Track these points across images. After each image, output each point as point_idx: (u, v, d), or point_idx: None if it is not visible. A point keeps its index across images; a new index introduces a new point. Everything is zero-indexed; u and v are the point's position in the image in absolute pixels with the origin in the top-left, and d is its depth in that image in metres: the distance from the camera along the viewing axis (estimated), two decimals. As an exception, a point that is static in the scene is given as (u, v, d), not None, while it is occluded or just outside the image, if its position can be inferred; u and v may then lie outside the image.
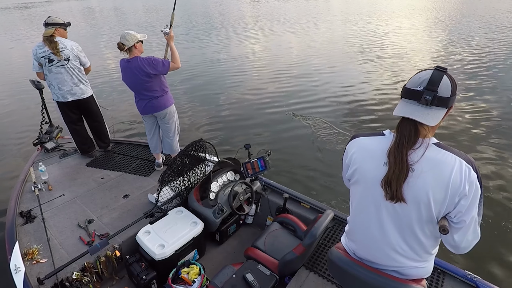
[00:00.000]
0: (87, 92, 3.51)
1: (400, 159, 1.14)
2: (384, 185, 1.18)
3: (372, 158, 1.23)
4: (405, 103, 1.17)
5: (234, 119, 6.23)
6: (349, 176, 1.35)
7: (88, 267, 2.25)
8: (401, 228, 1.24)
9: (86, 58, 3.48)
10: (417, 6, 23.57)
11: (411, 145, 1.14)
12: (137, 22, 21.07)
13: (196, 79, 8.79)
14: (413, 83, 1.15)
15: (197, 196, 2.73)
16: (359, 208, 1.34)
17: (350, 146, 1.34)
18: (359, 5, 24.29)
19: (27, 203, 2.91)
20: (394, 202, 1.19)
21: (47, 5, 41.65)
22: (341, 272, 1.42)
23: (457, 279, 2.07)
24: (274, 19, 19.70)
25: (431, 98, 1.09)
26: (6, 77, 10.08)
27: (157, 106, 3.16)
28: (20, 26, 21.98)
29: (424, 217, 1.18)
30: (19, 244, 2.38)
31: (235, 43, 13.43)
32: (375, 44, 12.18)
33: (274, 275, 2.13)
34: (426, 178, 1.13)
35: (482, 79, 7.93)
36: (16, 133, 6.03)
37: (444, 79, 1.11)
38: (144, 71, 2.92)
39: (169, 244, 2.34)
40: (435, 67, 1.13)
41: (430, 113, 1.12)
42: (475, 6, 22.56)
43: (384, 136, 1.25)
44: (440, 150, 1.15)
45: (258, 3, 29.46)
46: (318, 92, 7.43)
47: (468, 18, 17.39)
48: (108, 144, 3.89)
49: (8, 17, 29.65)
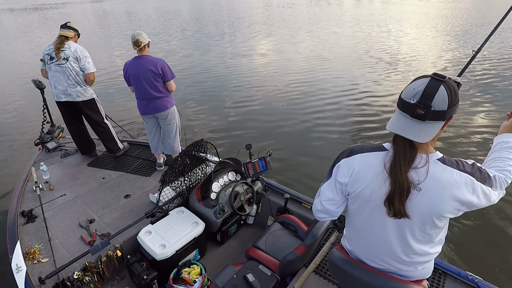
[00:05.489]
0: (84, 96, 3.40)
1: (400, 177, 1.09)
2: (388, 203, 1.14)
3: (378, 177, 1.16)
4: (398, 115, 1.10)
5: (238, 119, 6.24)
6: (352, 193, 1.26)
7: (89, 267, 2.26)
8: (405, 241, 1.22)
9: (90, 64, 3.34)
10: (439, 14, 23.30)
11: (408, 162, 1.10)
12: (148, 25, 21.08)
13: (203, 80, 8.82)
14: (407, 94, 1.06)
15: (198, 196, 2.73)
16: (363, 222, 1.30)
17: (352, 162, 1.23)
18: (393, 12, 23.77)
19: (28, 203, 2.92)
20: (398, 218, 1.16)
21: (62, 7, 42.01)
22: (341, 273, 1.42)
23: (458, 280, 2.07)
24: (284, 23, 19.64)
25: (424, 113, 1.01)
26: (17, 75, 10.14)
27: (159, 107, 3.19)
28: (36, 28, 22.06)
29: (428, 229, 1.18)
30: (20, 244, 2.38)
31: (243, 46, 13.44)
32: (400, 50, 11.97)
33: (275, 275, 2.13)
34: (432, 198, 1.10)
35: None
36: (19, 133, 6.05)
37: (441, 90, 1.01)
38: (154, 68, 3.03)
39: (170, 244, 2.35)
40: (432, 75, 1.04)
41: (423, 129, 1.04)
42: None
43: (385, 151, 1.19)
44: (445, 167, 1.10)
45: (269, 8, 29.40)
46: (325, 94, 7.40)
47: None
48: (115, 151, 3.72)
49: (25, 18, 29.85)
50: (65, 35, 3.30)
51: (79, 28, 3.59)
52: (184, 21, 22.19)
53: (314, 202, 1.41)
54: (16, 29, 22.07)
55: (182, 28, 18.92)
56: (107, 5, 42.88)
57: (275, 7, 30.57)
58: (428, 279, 1.36)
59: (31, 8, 42.57)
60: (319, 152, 4.97)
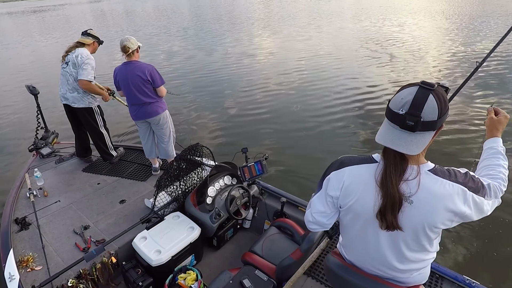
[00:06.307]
0: (80, 103, 3.39)
1: (391, 190, 1.07)
2: (380, 216, 1.13)
3: (370, 190, 1.14)
4: (387, 126, 1.06)
5: (234, 123, 6.23)
6: (343, 206, 1.24)
7: (83, 274, 2.23)
8: (399, 251, 1.21)
9: (86, 71, 3.23)
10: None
11: (399, 174, 1.07)
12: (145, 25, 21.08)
13: (200, 80, 8.85)
14: (395, 104, 1.03)
15: (194, 200, 2.71)
16: (356, 233, 1.29)
17: (342, 175, 1.21)
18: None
19: (22, 210, 2.88)
20: (391, 230, 1.14)
21: (60, 9, 41.92)
22: (337, 278, 1.41)
23: (455, 284, 2.06)
24: (284, 18, 19.65)
25: (414, 124, 0.98)
26: (14, 80, 10.10)
27: (150, 112, 3.17)
28: (34, 32, 22.03)
29: (422, 239, 1.17)
30: (13, 252, 2.35)
31: (244, 43, 13.48)
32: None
33: (271, 280, 2.11)
34: (424, 210, 1.09)
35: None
36: (13, 139, 6.00)
37: (430, 100, 0.98)
38: (143, 75, 2.99)
39: (166, 249, 2.32)
40: (420, 83, 1.01)
41: (414, 140, 1.01)
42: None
43: (375, 163, 1.16)
44: (437, 178, 1.08)
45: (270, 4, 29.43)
46: (325, 95, 7.38)
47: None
48: (108, 159, 3.70)
49: (23, 20, 29.74)
50: (81, 42, 3.38)
51: (77, 31, 3.60)
52: (184, 19, 22.20)
53: (306, 213, 1.39)
54: (15, 33, 22.03)
55: (183, 27, 19.00)
56: (105, 5, 42.82)
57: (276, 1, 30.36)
58: (425, 284, 1.35)
59: (30, 11, 42.50)
60: (316, 155, 4.96)
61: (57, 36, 18.85)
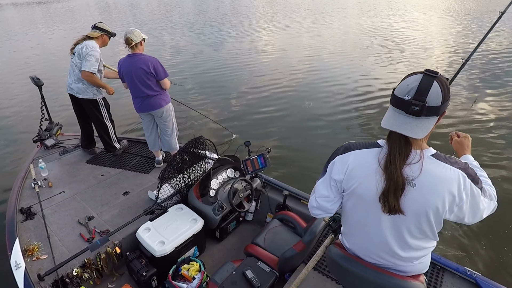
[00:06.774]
0: (85, 94, 3.42)
1: (395, 173, 1.10)
2: (383, 200, 1.15)
3: (373, 174, 1.17)
4: (393, 112, 1.11)
5: (237, 114, 6.23)
6: (347, 190, 1.26)
7: (88, 264, 2.26)
8: (400, 237, 1.23)
9: (89, 63, 3.23)
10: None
11: (403, 158, 1.10)
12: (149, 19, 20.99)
13: (206, 74, 8.83)
14: (401, 91, 1.07)
15: (197, 193, 2.73)
16: (358, 218, 1.31)
17: (346, 159, 1.23)
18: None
19: (27, 200, 2.91)
20: (393, 214, 1.17)
21: (65, 0, 41.77)
22: (340, 269, 1.43)
23: (456, 275, 2.07)
24: (288, 12, 19.50)
25: (419, 109, 1.03)
26: (19, 72, 10.11)
27: (153, 105, 3.18)
28: (39, 23, 21.98)
29: (424, 225, 1.18)
30: (19, 241, 2.38)
31: (247, 39, 13.42)
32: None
33: (274, 271, 2.14)
34: (426, 193, 1.11)
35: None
36: (18, 131, 6.03)
37: (434, 86, 1.03)
38: (146, 67, 2.99)
39: (169, 241, 2.35)
40: (424, 71, 1.05)
41: (419, 124, 1.06)
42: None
43: (380, 148, 1.19)
44: (439, 163, 1.12)
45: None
46: (330, 89, 7.37)
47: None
48: (111, 150, 3.72)
49: (28, 11, 29.69)
50: (88, 35, 3.43)
51: (82, 23, 3.62)
52: (189, 12, 22.04)
53: (310, 199, 1.42)
54: (21, 25, 21.98)
55: (189, 21, 18.87)
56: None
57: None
58: (426, 275, 1.37)
59: (35, 2, 42.32)
60: (319, 148, 4.96)
61: (63, 28, 18.80)
